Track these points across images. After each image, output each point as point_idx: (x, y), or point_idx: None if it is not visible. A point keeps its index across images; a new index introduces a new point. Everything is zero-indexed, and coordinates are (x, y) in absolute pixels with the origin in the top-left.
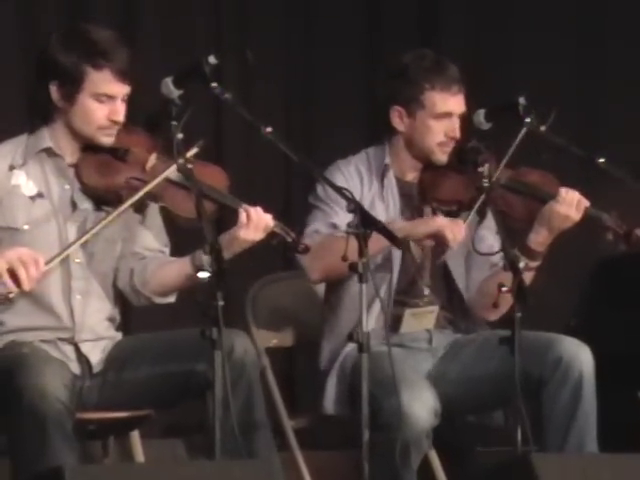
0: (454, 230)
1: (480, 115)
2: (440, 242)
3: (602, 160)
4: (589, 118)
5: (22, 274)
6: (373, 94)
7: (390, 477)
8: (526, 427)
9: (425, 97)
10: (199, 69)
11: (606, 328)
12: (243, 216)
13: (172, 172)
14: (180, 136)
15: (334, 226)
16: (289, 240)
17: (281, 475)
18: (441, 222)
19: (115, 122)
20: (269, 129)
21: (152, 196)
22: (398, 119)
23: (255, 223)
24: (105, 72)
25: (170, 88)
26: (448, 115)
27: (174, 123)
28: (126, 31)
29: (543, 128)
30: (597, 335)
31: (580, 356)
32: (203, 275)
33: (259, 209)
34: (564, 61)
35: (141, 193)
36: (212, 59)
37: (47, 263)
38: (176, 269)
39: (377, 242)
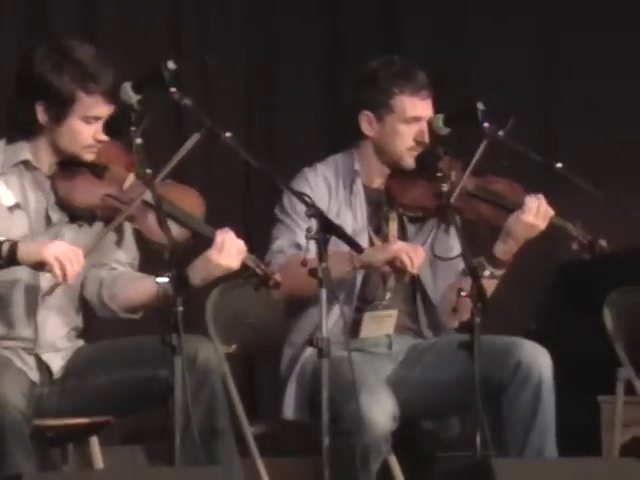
0: (412, 255)
1: (439, 120)
2: (398, 268)
3: (560, 165)
4: (547, 124)
5: (69, 267)
6: (336, 99)
7: None
8: (486, 432)
9: (395, 102)
10: (158, 74)
11: (565, 332)
12: (218, 239)
13: (146, 194)
14: (139, 141)
15: (298, 246)
16: (260, 273)
17: None
18: (398, 247)
19: (100, 141)
20: (229, 134)
21: (127, 217)
22: (367, 124)
23: (228, 247)
24: (96, 96)
25: (129, 93)
26: (417, 120)
27: (133, 128)
28: (85, 32)
29: (501, 133)
30: (557, 339)
31: (539, 360)
32: (162, 280)
33: (232, 233)
34: (522, 64)
35: (122, 217)
36: (171, 64)
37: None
38: (144, 287)
39: (338, 265)
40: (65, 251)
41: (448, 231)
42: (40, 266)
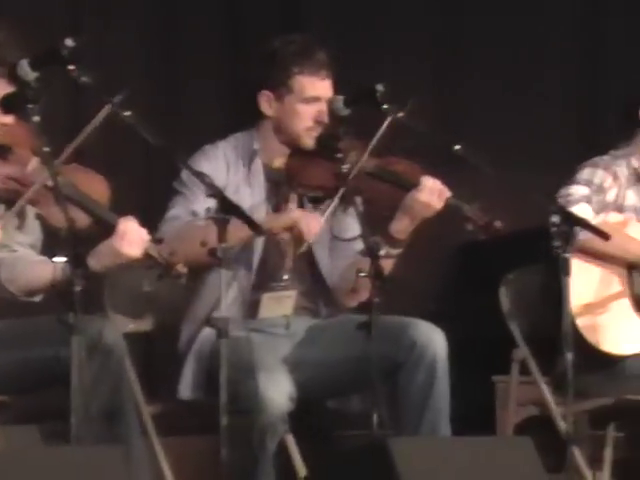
0: (310, 223)
1: (338, 101)
2: (296, 235)
3: (458, 147)
4: (447, 106)
5: None
6: (238, 78)
7: (247, 461)
8: (382, 411)
9: (293, 81)
10: (56, 51)
11: (463, 313)
12: (121, 227)
13: (49, 179)
14: (37, 119)
15: (194, 213)
16: (163, 263)
17: (145, 461)
18: (297, 215)
19: (3, 124)
20: (128, 112)
21: (29, 200)
22: (266, 104)
23: (130, 236)
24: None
25: (26, 70)
26: (316, 100)
27: (30, 106)
28: None
29: (401, 115)
30: (454, 319)
31: (434, 340)
32: (59, 260)
33: (135, 222)
34: (423, 50)
35: (24, 200)
36: (69, 41)
37: None
38: (44, 271)
39: (238, 231)
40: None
41: (347, 211)
42: None
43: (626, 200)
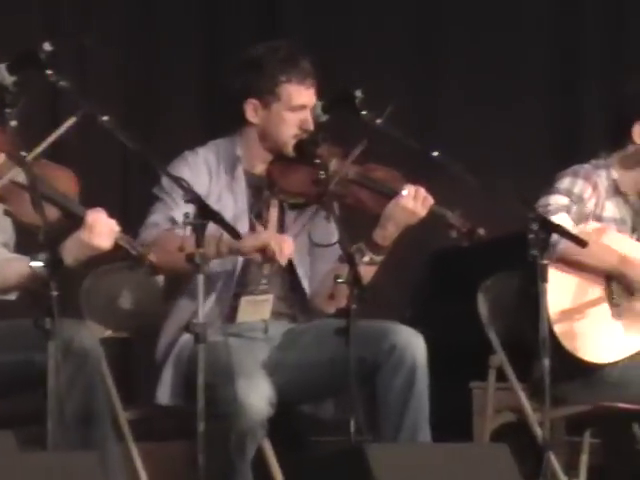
0: (281, 245)
1: (317, 107)
2: (267, 257)
3: (436, 153)
4: (424, 114)
5: None
6: (218, 85)
7: (225, 467)
8: (359, 417)
9: (281, 90)
10: (34, 56)
11: (440, 319)
12: (89, 218)
13: (18, 175)
14: (14, 123)
15: (173, 220)
16: (134, 253)
17: (120, 466)
18: (268, 236)
19: None
20: (106, 117)
21: None
22: (252, 111)
23: (99, 227)
24: None
25: (3, 74)
26: (302, 107)
27: (8, 110)
28: None
29: (379, 121)
30: (432, 326)
31: (413, 344)
32: (36, 264)
33: (103, 213)
34: (401, 57)
35: None
36: (47, 46)
37: None
38: (18, 268)
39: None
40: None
41: (328, 218)
42: None
43: (604, 211)
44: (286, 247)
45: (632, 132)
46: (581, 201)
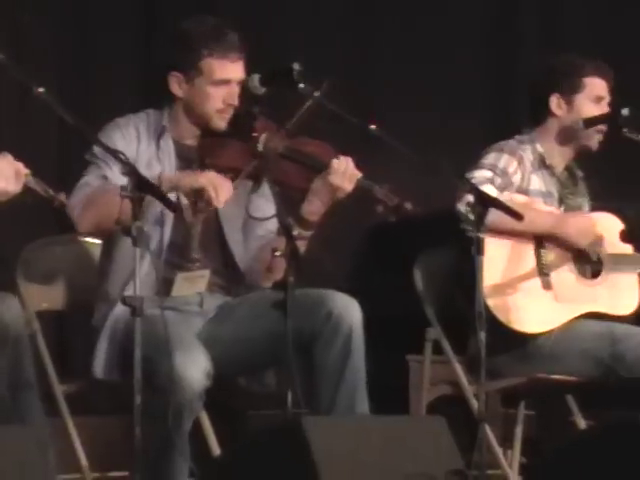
0: (220, 189)
1: (255, 80)
2: (205, 199)
3: (373, 127)
4: (361, 88)
5: None
6: (151, 57)
7: (162, 441)
8: (297, 389)
9: (203, 64)
10: None
11: (377, 292)
12: None
13: None
14: None
15: (105, 178)
16: (45, 196)
17: (47, 439)
18: (208, 178)
19: None
20: (41, 89)
21: None
22: (176, 85)
23: (6, 171)
24: None
25: None
26: (226, 82)
27: None
28: None
29: (317, 94)
30: (368, 299)
31: (350, 310)
32: None
33: (9, 157)
34: (336, 32)
35: None
36: None
37: None
38: None
39: None
40: None
41: (260, 192)
42: None
43: (531, 184)
44: (224, 191)
45: (550, 105)
46: (505, 175)
